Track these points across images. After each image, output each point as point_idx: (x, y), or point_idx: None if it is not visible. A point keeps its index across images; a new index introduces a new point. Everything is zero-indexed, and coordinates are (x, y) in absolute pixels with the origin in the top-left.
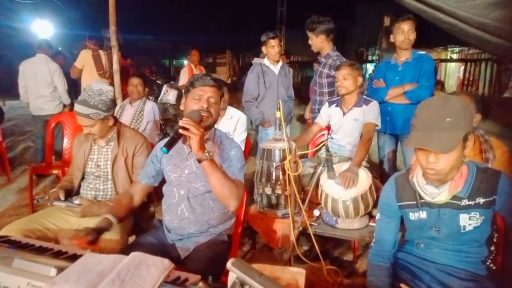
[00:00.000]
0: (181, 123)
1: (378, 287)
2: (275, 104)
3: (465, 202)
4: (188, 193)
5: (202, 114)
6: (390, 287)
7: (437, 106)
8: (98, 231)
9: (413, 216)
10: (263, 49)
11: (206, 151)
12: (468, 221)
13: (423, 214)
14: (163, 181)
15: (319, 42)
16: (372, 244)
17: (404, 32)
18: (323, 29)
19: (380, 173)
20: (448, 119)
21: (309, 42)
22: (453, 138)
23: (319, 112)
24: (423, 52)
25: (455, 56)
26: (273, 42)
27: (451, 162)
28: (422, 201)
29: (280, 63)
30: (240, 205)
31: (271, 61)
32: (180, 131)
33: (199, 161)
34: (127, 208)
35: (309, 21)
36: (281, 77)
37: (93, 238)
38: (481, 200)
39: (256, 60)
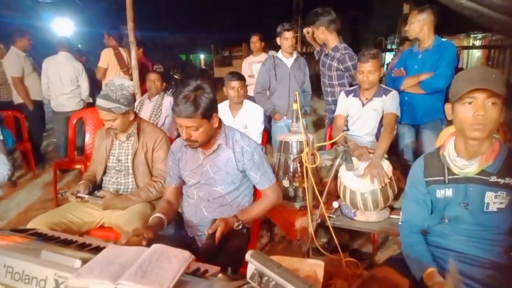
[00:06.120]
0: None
1: (415, 257)
2: (286, 97)
3: (493, 178)
4: (208, 196)
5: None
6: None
7: (478, 68)
8: (153, 228)
9: (439, 193)
10: (278, 40)
11: (235, 222)
12: (494, 199)
13: (449, 192)
14: None
15: (320, 34)
16: (400, 224)
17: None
18: (322, 21)
19: (400, 164)
20: (494, 75)
21: (314, 36)
22: (501, 89)
23: (333, 104)
24: (445, 40)
25: (477, 43)
26: (288, 34)
27: (495, 118)
28: (450, 177)
29: (294, 56)
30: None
31: (284, 53)
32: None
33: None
34: (172, 211)
35: (309, 16)
36: (294, 71)
37: (152, 235)
38: (511, 181)
39: (270, 53)
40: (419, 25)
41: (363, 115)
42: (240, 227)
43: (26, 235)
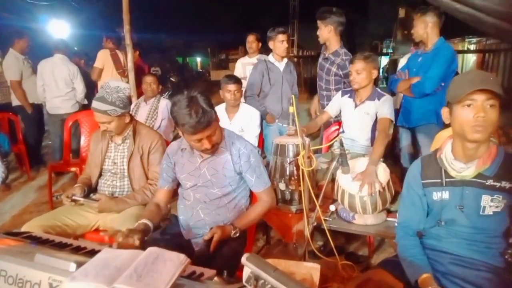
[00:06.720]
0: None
1: (411, 260)
2: (279, 101)
3: (490, 182)
4: (204, 197)
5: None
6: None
7: (476, 71)
8: (141, 233)
9: (436, 196)
10: (270, 44)
11: (232, 230)
12: (490, 202)
13: (445, 194)
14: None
15: (326, 32)
16: (396, 225)
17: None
18: (333, 20)
19: (397, 167)
20: (491, 78)
21: (318, 32)
22: (500, 90)
23: None
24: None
25: (472, 47)
26: (282, 37)
27: (494, 120)
28: (447, 179)
29: (285, 60)
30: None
31: (277, 57)
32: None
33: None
34: (159, 215)
35: (322, 10)
36: (286, 74)
37: (140, 240)
38: (507, 185)
39: (260, 57)
40: (422, 27)
41: (354, 117)
42: (238, 234)
43: (20, 238)
